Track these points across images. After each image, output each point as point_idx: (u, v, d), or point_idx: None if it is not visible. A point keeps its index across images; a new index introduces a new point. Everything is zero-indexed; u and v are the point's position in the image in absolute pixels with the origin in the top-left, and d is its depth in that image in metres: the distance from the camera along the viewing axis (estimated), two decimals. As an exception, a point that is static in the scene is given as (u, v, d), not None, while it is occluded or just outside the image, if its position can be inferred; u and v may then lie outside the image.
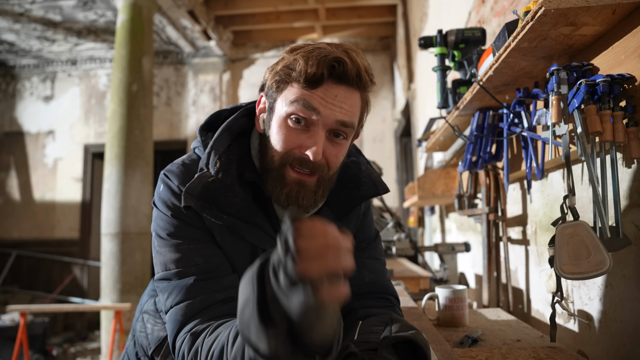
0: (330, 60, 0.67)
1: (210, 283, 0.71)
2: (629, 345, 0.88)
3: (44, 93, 6.08)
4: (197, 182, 0.72)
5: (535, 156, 1.11)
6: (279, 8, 4.99)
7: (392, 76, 5.79)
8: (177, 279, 0.71)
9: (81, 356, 4.50)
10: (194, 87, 5.87)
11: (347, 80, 0.69)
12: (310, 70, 0.67)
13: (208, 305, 0.69)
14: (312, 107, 0.68)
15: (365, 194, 0.83)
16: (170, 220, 0.74)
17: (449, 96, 1.53)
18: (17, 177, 5.93)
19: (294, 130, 0.71)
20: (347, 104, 0.70)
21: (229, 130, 0.78)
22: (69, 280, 5.56)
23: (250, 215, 0.74)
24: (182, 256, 0.72)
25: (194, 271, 0.71)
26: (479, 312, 1.33)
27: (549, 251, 0.91)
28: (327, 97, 0.68)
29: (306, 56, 0.69)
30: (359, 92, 0.72)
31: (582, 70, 0.91)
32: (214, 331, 0.65)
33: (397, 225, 2.04)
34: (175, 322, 0.69)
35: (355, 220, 0.88)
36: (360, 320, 0.74)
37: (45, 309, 3.33)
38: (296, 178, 0.72)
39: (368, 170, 0.86)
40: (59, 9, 4.65)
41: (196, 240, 0.74)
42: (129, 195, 3.84)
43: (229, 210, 0.73)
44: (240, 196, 0.74)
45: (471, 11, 2.15)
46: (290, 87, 0.71)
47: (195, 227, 0.74)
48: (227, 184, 0.73)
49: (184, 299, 0.70)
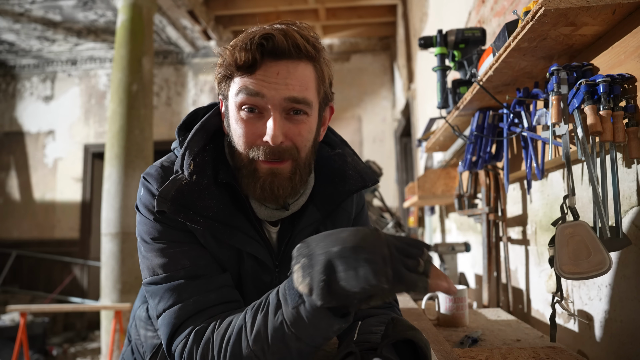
0: (257, 39, 0.64)
1: (202, 284, 0.68)
2: (629, 345, 0.88)
3: (44, 93, 6.08)
4: (170, 186, 0.69)
5: (535, 156, 1.11)
6: (279, 8, 4.99)
7: (392, 76, 5.79)
8: (165, 283, 0.69)
9: (81, 356, 4.50)
10: (194, 87, 5.88)
11: (284, 55, 0.65)
12: (240, 57, 0.65)
13: (203, 307, 0.67)
14: (255, 92, 0.66)
15: (351, 188, 0.80)
16: (153, 224, 0.71)
17: (449, 96, 1.53)
18: (17, 177, 5.93)
19: (249, 121, 0.68)
20: (292, 78, 0.66)
21: (203, 129, 0.75)
22: (69, 280, 5.56)
23: (228, 217, 0.71)
24: (168, 260, 0.69)
25: (183, 274, 0.68)
26: (479, 312, 1.33)
27: (549, 251, 0.91)
28: (268, 77, 0.65)
29: (233, 45, 0.66)
30: (304, 63, 0.68)
31: (582, 70, 0.91)
32: (223, 321, 0.63)
33: (397, 225, 2.04)
34: (168, 326, 0.66)
35: (346, 219, 0.85)
36: (359, 321, 0.73)
37: (45, 309, 3.33)
38: (267, 168, 0.69)
39: (354, 162, 0.83)
40: (59, 9, 4.65)
41: (181, 243, 0.71)
42: (129, 195, 3.84)
43: (205, 213, 0.69)
44: (217, 198, 0.71)
45: (471, 11, 2.16)
46: (232, 81, 0.69)
47: (179, 230, 0.71)
48: (202, 186, 0.71)
49: (176, 302, 0.67)
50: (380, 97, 5.80)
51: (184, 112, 5.84)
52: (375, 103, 5.80)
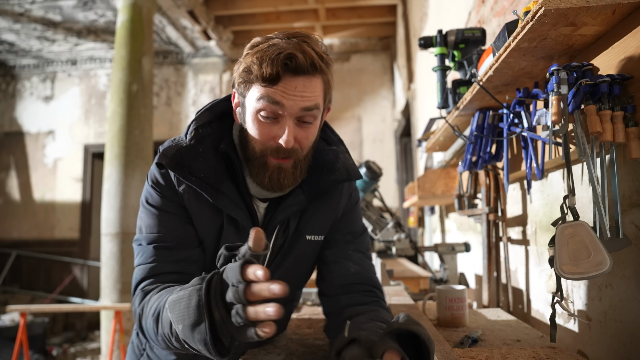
0: (282, 58, 0.73)
1: (165, 253, 0.82)
2: (629, 345, 0.88)
3: (44, 93, 6.08)
4: (172, 147, 0.83)
5: (535, 156, 1.11)
6: (279, 8, 4.99)
7: (392, 76, 5.79)
8: (144, 243, 0.83)
9: (81, 356, 4.50)
10: (194, 87, 5.88)
11: (302, 72, 0.75)
12: (266, 72, 0.74)
13: (158, 272, 0.81)
14: (275, 102, 0.75)
15: (336, 179, 0.89)
16: (150, 190, 0.85)
17: (449, 96, 1.53)
18: (17, 177, 5.93)
19: (265, 124, 0.78)
20: (308, 91, 0.76)
21: (210, 110, 0.89)
22: (69, 280, 5.56)
23: (217, 181, 0.82)
24: (151, 223, 0.83)
25: (156, 238, 0.82)
26: (479, 312, 1.33)
27: (549, 251, 0.91)
28: (288, 90, 0.75)
29: (260, 57, 0.74)
30: (317, 77, 0.78)
31: (582, 70, 0.91)
32: (159, 292, 0.75)
33: (397, 225, 2.04)
34: (134, 279, 0.82)
35: (332, 207, 0.93)
36: (348, 320, 0.77)
37: (45, 309, 3.33)
38: (276, 164, 0.80)
39: (345, 158, 0.93)
40: (59, 9, 4.65)
41: (165, 212, 0.83)
42: (129, 195, 3.84)
43: (197, 173, 0.81)
44: (210, 163, 0.83)
45: (471, 11, 2.16)
46: (254, 86, 0.77)
47: (168, 200, 0.84)
48: (200, 151, 0.82)
49: (142, 262, 0.82)
50: (380, 97, 5.81)
51: (184, 112, 5.85)
52: (375, 103, 5.80)
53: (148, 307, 0.74)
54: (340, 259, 0.92)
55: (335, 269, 0.92)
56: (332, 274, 0.92)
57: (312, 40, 0.78)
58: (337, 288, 0.91)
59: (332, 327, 0.88)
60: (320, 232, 0.92)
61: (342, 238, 0.94)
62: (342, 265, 0.92)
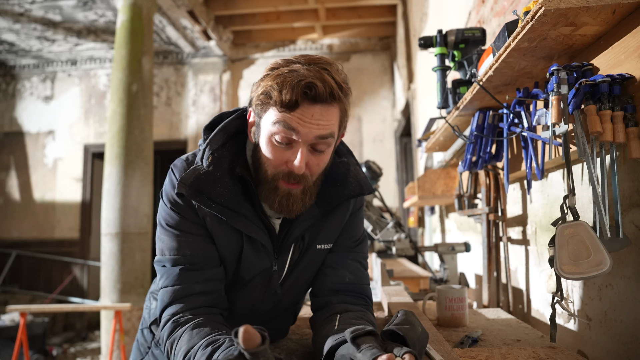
0: (302, 86, 0.74)
1: (193, 274, 0.83)
2: (629, 345, 0.89)
3: (44, 93, 6.08)
4: (190, 174, 0.82)
5: (535, 156, 1.11)
6: (279, 8, 4.99)
7: (392, 76, 5.79)
8: (169, 265, 0.84)
9: (81, 356, 4.50)
10: (194, 87, 5.87)
11: (320, 100, 0.75)
12: (285, 98, 0.74)
13: (188, 294, 0.82)
14: (291, 128, 0.76)
15: (350, 193, 0.91)
16: (169, 212, 0.85)
17: (449, 96, 1.53)
18: (17, 177, 5.92)
19: (279, 148, 0.79)
20: (324, 120, 0.77)
21: (224, 130, 0.88)
22: (69, 280, 5.56)
23: (237, 205, 0.84)
24: (175, 246, 0.84)
25: (182, 261, 0.83)
26: (479, 312, 1.33)
27: (549, 251, 0.91)
28: (305, 117, 0.76)
29: (281, 83, 0.75)
30: (334, 106, 0.78)
31: (582, 70, 0.91)
32: (191, 330, 0.77)
33: (397, 225, 2.04)
34: (161, 302, 0.83)
35: (342, 216, 0.95)
36: (338, 314, 0.83)
37: (45, 309, 3.32)
38: (286, 189, 0.81)
39: (356, 171, 0.94)
40: (59, 9, 4.65)
41: (188, 234, 0.84)
42: (129, 195, 3.84)
43: (217, 199, 0.82)
44: (229, 188, 0.84)
45: (471, 11, 2.16)
46: (272, 109, 0.78)
47: (190, 221, 0.85)
48: (217, 177, 0.83)
49: (170, 284, 0.83)
50: (380, 97, 5.80)
51: (183, 112, 5.84)
52: (375, 103, 5.80)
53: (179, 346, 0.76)
54: (337, 265, 0.94)
55: (331, 273, 0.94)
56: (327, 278, 0.94)
57: (332, 68, 0.78)
58: (329, 292, 0.93)
59: (320, 319, 0.90)
60: (330, 240, 0.94)
61: (343, 243, 0.96)
62: (338, 272, 0.94)
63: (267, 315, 0.98)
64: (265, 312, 0.97)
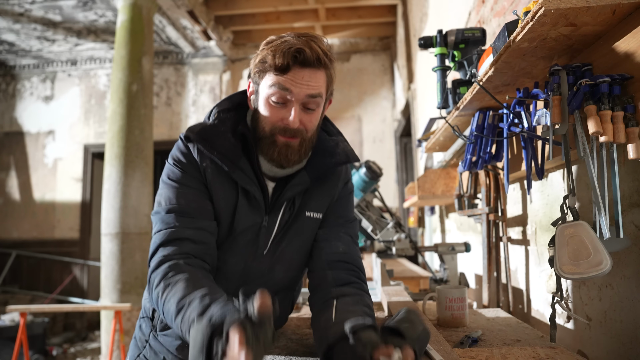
0: (292, 51, 0.86)
1: (185, 220, 0.90)
2: (629, 345, 0.89)
3: (44, 93, 6.08)
4: (198, 125, 0.96)
5: (535, 156, 1.11)
6: (279, 8, 4.99)
7: (392, 76, 5.79)
8: (163, 213, 0.90)
9: (81, 356, 4.50)
10: (194, 87, 5.88)
11: (309, 64, 0.87)
12: (278, 62, 0.86)
13: (178, 237, 0.88)
14: (285, 88, 0.88)
15: (337, 161, 1.01)
16: (172, 167, 0.95)
17: (449, 96, 1.53)
18: (17, 177, 5.93)
19: (276, 108, 0.90)
20: (313, 81, 0.89)
21: (230, 99, 1.03)
22: (69, 280, 5.56)
23: (235, 157, 0.93)
24: (171, 196, 0.92)
25: (176, 209, 0.90)
26: (479, 312, 1.33)
27: (549, 251, 0.91)
28: (296, 79, 0.87)
29: (274, 50, 0.87)
30: (321, 70, 0.90)
31: (582, 71, 0.91)
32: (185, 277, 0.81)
33: (397, 225, 2.04)
34: (154, 244, 0.89)
35: (331, 188, 1.03)
36: (335, 300, 0.88)
37: (45, 309, 3.33)
38: (284, 141, 0.91)
39: (344, 146, 1.04)
40: (59, 9, 4.65)
41: (186, 186, 0.92)
42: (129, 195, 3.84)
43: (219, 148, 0.92)
44: (230, 141, 0.94)
45: (471, 11, 2.16)
46: (267, 74, 0.90)
47: (190, 175, 0.93)
48: (221, 131, 0.95)
49: (162, 228, 0.89)
50: (380, 97, 5.80)
51: (183, 112, 5.84)
52: (375, 103, 5.80)
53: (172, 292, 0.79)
54: (330, 238, 1.02)
55: (325, 246, 1.01)
56: (321, 251, 1.00)
57: (318, 39, 0.91)
58: (324, 264, 0.99)
59: (317, 301, 0.94)
60: (319, 210, 1.02)
61: (335, 220, 1.04)
62: (331, 244, 1.00)
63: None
64: (260, 281, 1.00)
